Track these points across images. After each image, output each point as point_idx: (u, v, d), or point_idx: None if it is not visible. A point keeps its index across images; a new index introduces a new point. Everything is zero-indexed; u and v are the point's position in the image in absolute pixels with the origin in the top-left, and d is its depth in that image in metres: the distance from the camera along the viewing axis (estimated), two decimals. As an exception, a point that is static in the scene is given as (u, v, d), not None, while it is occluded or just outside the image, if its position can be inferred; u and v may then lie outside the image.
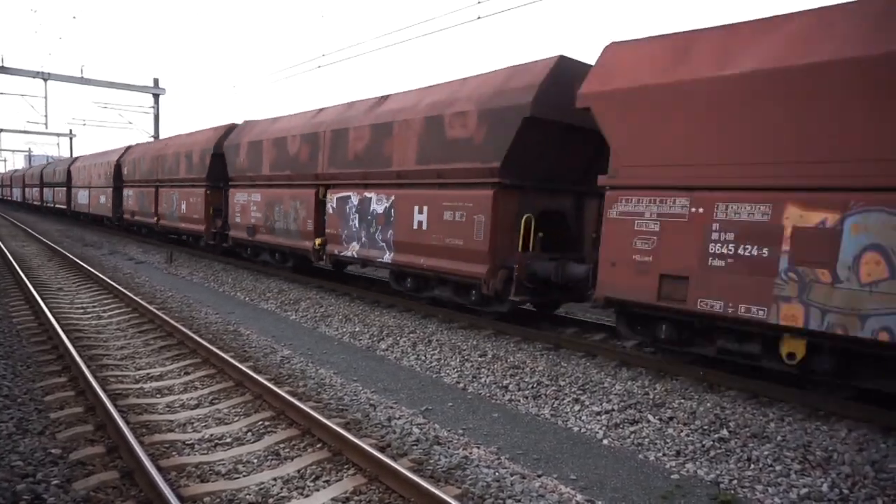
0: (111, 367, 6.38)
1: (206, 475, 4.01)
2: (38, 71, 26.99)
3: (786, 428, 5.03)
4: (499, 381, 6.35)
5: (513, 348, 7.51)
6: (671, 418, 5.27)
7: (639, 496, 4.07)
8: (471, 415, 5.51)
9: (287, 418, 4.99)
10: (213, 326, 8.50)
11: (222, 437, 4.67)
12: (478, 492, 3.86)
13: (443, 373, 6.72)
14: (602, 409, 5.54)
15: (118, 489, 3.78)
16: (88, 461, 4.12)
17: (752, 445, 4.72)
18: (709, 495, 4.09)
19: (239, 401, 5.44)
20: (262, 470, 4.14)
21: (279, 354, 7.18)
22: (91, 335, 7.64)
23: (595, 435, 5.09)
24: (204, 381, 6.05)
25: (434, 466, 4.21)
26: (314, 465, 4.20)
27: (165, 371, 6.35)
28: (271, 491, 3.83)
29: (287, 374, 6.37)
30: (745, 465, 4.46)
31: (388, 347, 7.73)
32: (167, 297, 10.64)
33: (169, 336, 7.71)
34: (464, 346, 7.55)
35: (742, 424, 5.08)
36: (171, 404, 5.36)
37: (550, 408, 5.66)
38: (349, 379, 6.40)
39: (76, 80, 28.07)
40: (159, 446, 4.40)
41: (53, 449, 4.24)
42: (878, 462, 4.38)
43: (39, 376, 5.86)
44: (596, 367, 6.78)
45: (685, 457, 4.64)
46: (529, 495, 3.86)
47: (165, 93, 30.94)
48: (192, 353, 6.95)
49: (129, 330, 8.08)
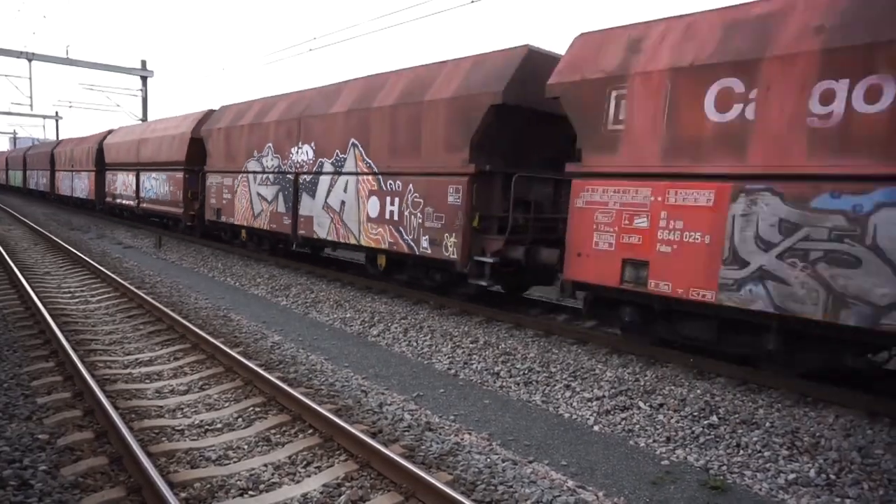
0: (99, 352, 6.31)
1: (196, 461, 3.98)
2: (22, 51, 26.39)
3: (774, 414, 5.07)
4: (490, 367, 6.36)
5: (504, 335, 7.52)
6: (661, 405, 5.30)
7: (629, 482, 4.10)
8: (462, 401, 5.51)
9: (278, 404, 4.96)
10: (202, 312, 8.44)
11: (212, 422, 4.64)
12: (469, 478, 3.86)
13: (434, 359, 6.72)
14: (593, 395, 5.56)
15: (107, 475, 3.75)
16: (76, 447, 4.07)
17: (741, 432, 4.76)
18: (698, 481, 4.12)
19: (229, 386, 5.41)
20: (253, 456, 4.12)
21: (269, 340, 7.14)
22: (79, 320, 7.55)
23: (586, 421, 5.11)
24: (193, 367, 6.00)
25: (426, 452, 4.21)
26: (305, 451, 4.19)
27: (155, 356, 6.29)
28: (262, 477, 3.81)
29: (277, 359, 6.33)
30: (735, 451, 4.51)
31: (380, 333, 7.71)
32: (156, 282, 10.54)
33: (158, 321, 7.64)
34: (455, 333, 7.54)
35: (731, 411, 5.12)
36: (160, 390, 5.32)
37: (542, 394, 5.67)
38: (340, 365, 6.38)
39: (61, 61, 27.51)
40: (148, 432, 4.37)
41: (41, 434, 4.19)
42: (864, 448, 4.43)
43: (26, 361, 5.79)
44: (587, 353, 6.80)
45: (675, 443, 4.67)
46: (521, 481, 3.87)
47: (153, 75, 30.44)
48: (181, 339, 6.90)
49: (118, 315, 8.00)
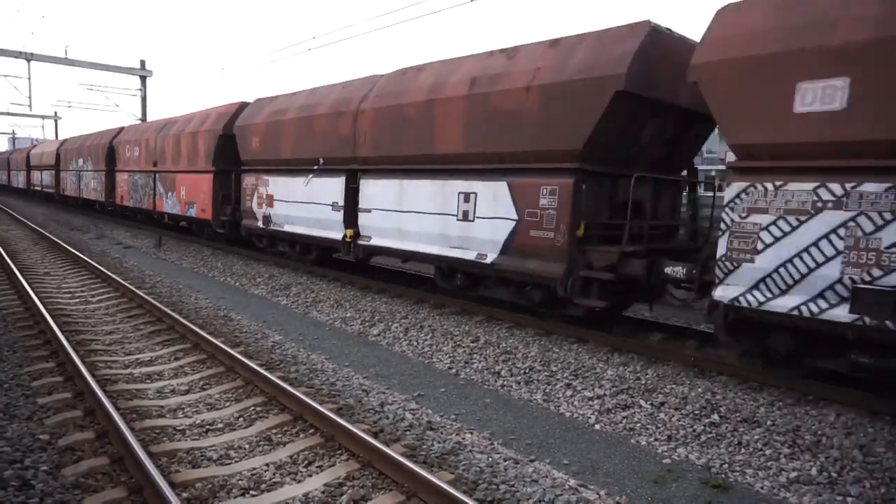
0: (100, 352, 6.30)
1: (197, 461, 3.98)
2: (21, 51, 26.35)
3: (775, 412, 5.07)
4: (491, 366, 6.36)
5: (504, 334, 7.51)
6: (663, 403, 5.30)
7: (631, 480, 4.10)
8: (463, 400, 5.51)
9: (279, 403, 4.96)
10: (203, 311, 8.43)
11: (213, 422, 4.64)
12: (471, 477, 3.86)
13: (435, 358, 6.71)
14: (594, 394, 5.56)
15: (108, 475, 3.75)
16: (77, 447, 4.07)
17: (742, 430, 4.76)
18: (700, 479, 4.12)
19: (230, 386, 5.41)
20: (255, 455, 4.12)
21: (270, 340, 7.13)
22: (79, 320, 7.55)
23: (587, 420, 5.11)
24: (194, 367, 6.00)
25: (427, 452, 4.21)
26: (307, 451, 4.18)
27: (155, 356, 6.28)
28: (264, 476, 3.81)
29: (278, 359, 6.33)
30: (736, 450, 4.50)
31: (380, 333, 7.70)
32: (156, 282, 10.53)
33: (158, 321, 7.63)
34: (456, 332, 7.54)
35: (733, 409, 5.11)
36: (161, 390, 5.31)
37: (543, 393, 5.67)
38: (341, 364, 6.38)
39: (60, 61, 27.44)
40: (150, 432, 4.36)
41: (42, 435, 4.19)
42: (865, 446, 4.43)
43: (26, 361, 5.78)
44: (588, 352, 6.80)
45: (676, 441, 4.67)
46: (523, 480, 3.87)
47: (153, 75, 30.36)
48: (182, 339, 6.89)
49: (118, 315, 7.99)
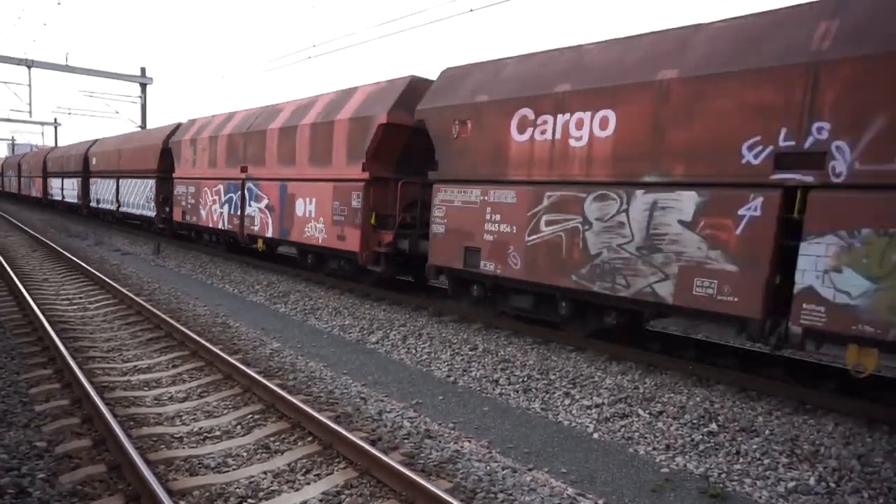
0: (98, 359, 6.29)
1: (195, 469, 3.97)
2: (22, 58, 26.49)
3: (774, 422, 5.07)
4: (489, 374, 6.35)
5: (503, 342, 7.51)
6: (661, 412, 5.30)
7: (629, 490, 4.09)
8: (461, 408, 5.50)
9: (277, 411, 4.95)
10: (201, 319, 8.42)
11: (211, 430, 4.63)
12: (469, 485, 3.85)
13: (433, 366, 6.71)
14: (592, 402, 5.56)
15: (105, 483, 3.73)
16: (75, 454, 4.06)
17: (740, 439, 4.76)
18: (698, 489, 4.12)
19: (228, 394, 5.39)
20: (252, 463, 4.11)
21: (268, 347, 7.12)
22: (77, 327, 7.54)
23: (585, 429, 5.11)
24: (192, 374, 5.99)
25: (425, 460, 4.20)
26: (305, 459, 4.17)
27: (153, 363, 6.27)
28: (261, 485, 3.80)
29: (277, 366, 6.32)
30: (734, 459, 4.50)
31: (379, 341, 7.70)
32: (154, 289, 10.52)
33: (156, 328, 7.62)
34: (454, 340, 7.54)
35: (731, 418, 5.12)
36: (159, 397, 5.30)
37: (541, 401, 5.67)
38: (339, 372, 6.37)
39: (61, 68, 27.59)
40: (147, 439, 4.35)
41: (39, 442, 4.18)
42: (864, 456, 4.44)
43: (24, 368, 5.77)
44: (586, 361, 6.80)
45: (675, 450, 4.67)
46: (521, 489, 3.87)
47: (153, 82, 30.51)
48: (180, 346, 6.88)
49: (116, 322, 7.98)
